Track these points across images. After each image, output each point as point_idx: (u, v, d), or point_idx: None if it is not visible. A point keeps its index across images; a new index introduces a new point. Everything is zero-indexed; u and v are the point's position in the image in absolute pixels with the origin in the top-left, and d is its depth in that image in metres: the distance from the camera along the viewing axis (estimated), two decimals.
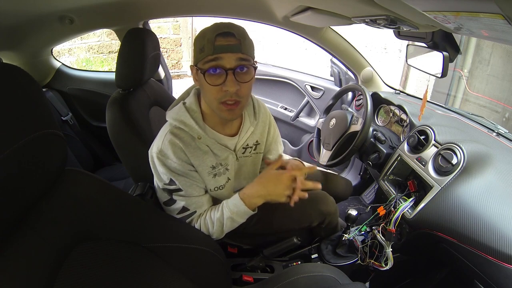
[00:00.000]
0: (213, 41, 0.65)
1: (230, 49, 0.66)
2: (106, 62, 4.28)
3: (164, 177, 0.76)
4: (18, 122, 0.39)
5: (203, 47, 0.66)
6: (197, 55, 0.68)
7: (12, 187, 0.38)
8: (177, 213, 0.79)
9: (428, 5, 0.50)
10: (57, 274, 0.42)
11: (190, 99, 0.79)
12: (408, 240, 0.97)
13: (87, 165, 1.61)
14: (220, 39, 0.65)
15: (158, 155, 0.73)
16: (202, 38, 0.67)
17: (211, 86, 0.67)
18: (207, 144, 0.77)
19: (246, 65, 0.68)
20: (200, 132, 0.75)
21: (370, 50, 3.60)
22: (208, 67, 0.66)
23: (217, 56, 0.65)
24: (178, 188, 0.76)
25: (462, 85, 3.23)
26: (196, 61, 0.70)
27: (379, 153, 1.14)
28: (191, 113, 0.76)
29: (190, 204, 0.78)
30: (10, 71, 0.40)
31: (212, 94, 0.69)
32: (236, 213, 0.77)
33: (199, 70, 0.68)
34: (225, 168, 0.82)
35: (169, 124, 0.77)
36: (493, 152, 0.85)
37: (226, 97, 0.68)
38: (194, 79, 0.74)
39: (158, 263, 0.58)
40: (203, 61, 0.67)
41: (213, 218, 0.79)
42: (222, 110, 0.71)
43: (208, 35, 0.66)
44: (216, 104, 0.70)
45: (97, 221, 0.52)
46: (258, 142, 0.89)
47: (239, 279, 0.92)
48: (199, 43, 0.68)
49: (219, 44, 0.65)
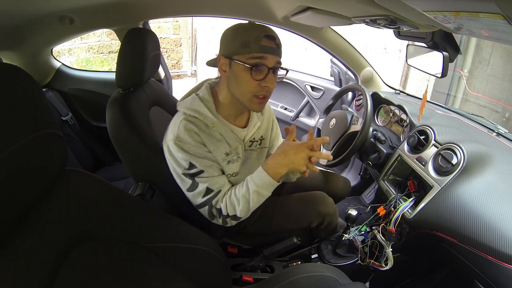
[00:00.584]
0: (260, 40, 0.71)
1: (273, 51, 0.74)
2: (106, 62, 4.28)
3: (183, 163, 0.77)
4: (18, 122, 0.39)
5: (248, 43, 0.71)
6: (239, 48, 0.73)
7: (12, 187, 0.38)
8: (202, 196, 0.79)
9: (428, 5, 0.50)
10: (57, 274, 0.42)
11: (203, 91, 0.82)
12: (408, 240, 0.97)
13: (87, 165, 1.61)
14: (266, 40, 0.72)
15: (176, 141, 0.76)
16: (246, 34, 0.72)
17: (253, 80, 0.73)
18: (220, 132, 0.80)
19: (280, 67, 0.77)
20: (214, 120, 0.79)
21: (370, 50, 3.60)
22: (254, 63, 0.72)
23: (263, 55, 0.72)
24: (199, 171, 0.78)
25: (462, 85, 3.23)
26: (232, 53, 0.74)
27: (379, 153, 1.14)
28: (205, 103, 0.80)
29: (213, 184, 0.79)
30: (10, 71, 0.40)
31: (249, 87, 0.75)
32: (262, 185, 0.77)
33: (238, 62, 0.73)
34: (237, 156, 0.85)
35: (182, 113, 0.79)
36: (493, 152, 0.85)
37: (262, 91, 0.76)
38: (222, 69, 0.78)
39: (158, 263, 0.58)
40: (246, 56, 0.72)
41: (238, 195, 0.79)
42: (254, 102, 0.78)
43: (255, 34, 0.72)
44: (250, 96, 0.76)
45: (97, 221, 0.52)
46: (263, 137, 0.93)
47: (239, 279, 0.92)
48: (242, 38, 0.72)
49: (265, 45, 0.72)
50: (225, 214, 0.80)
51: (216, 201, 0.80)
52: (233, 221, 0.82)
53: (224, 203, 0.80)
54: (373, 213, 1.06)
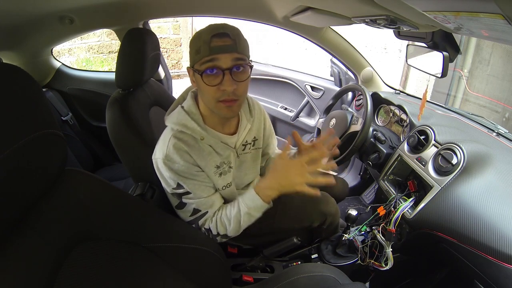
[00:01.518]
0: (209, 42, 0.66)
1: (225, 49, 0.67)
2: (106, 62, 4.28)
3: (171, 182, 0.76)
4: (18, 122, 0.39)
5: (199, 48, 0.67)
6: (194, 56, 0.69)
7: (12, 187, 0.38)
8: (189, 215, 0.80)
9: (428, 5, 0.50)
10: (57, 274, 0.42)
11: (188, 102, 0.79)
12: (408, 240, 0.97)
13: (87, 165, 1.61)
14: (216, 39, 0.66)
15: (164, 160, 0.74)
16: (198, 39, 0.68)
17: (209, 86, 0.69)
18: (210, 144, 0.78)
19: (242, 65, 0.69)
20: (202, 133, 0.76)
21: (370, 50, 3.60)
22: (205, 68, 0.68)
23: (213, 57, 0.67)
24: (187, 191, 0.77)
25: (462, 85, 3.23)
26: (192, 63, 0.71)
27: (379, 153, 1.14)
28: (191, 116, 0.77)
29: (200, 205, 0.79)
30: (10, 71, 0.40)
31: (209, 94, 0.70)
32: (253, 208, 0.77)
33: (196, 71, 0.70)
34: (228, 166, 0.83)
35: (170, 129, 0.77)
36: (493, 152, 0.85)
37: (223, 96, 0.70)
38: (192, 80, 0.75)
39: (158, 263, 0.58)
40: (199, 62, 0.68)
41: (229, 215, 0.79)
42: (221, 108, 0.72)
43: (204, 37, 0.67)
44: (214, 103, 0.71)
45: (97, 221, 0.52)
46: (256, 138, 0.91)
47: (239, 279, 0.92)
48: (195, 45, 0.69)
49: (215, 45, 0.66)
50: (215, 234, 0.80)
51: (204, 220, 0.80)
52: (223, 239, 0.82)
53: (214, 224, 0.80)
54: (373, 213, 1.06)
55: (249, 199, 0.77)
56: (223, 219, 0.79)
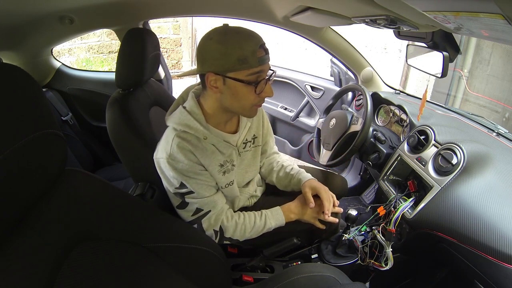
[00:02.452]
0: (256, 52, 0.68)
1: (268, 60, 0.72)
2: (106, 62, 4.28)
3: (174, 181, 0.77)
4: (18, 122, 0.39)
5: (245, 58, 0.67)
6: (235, 65, 0.67)
7: (12, 187, 0.38)
8: (191, 214, 0.81)
9: (428, 5, 0.50)
10: (57, 274, 0.42)
11: (189, 103, 0.79)
12: (408, 240, 0.97)
13: (87, 165, 1.61)
14: (261, 51, 0.69)
15: (168, 160, 0.74)
16: (241, 48, 0.66)
17: (253, 94, 0.72)
18: (213, 143, 0.79)
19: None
20: (205, 132, 0.77)
21: (370, 50, 3.60)
22: (255, 80, 0.70)
23: (262, 68, 0.70)
24: (190, 191, 0.78)
25: (462, 85, 3.23)
26: (227, 70, 0.68)
27: (379, 153, 1.14)
28: (194, 116, 0.77)
29: (203, 205, 0.80)
30: (10, 71, 0.40)
31: (249, 101, 0.74)
32: (275, 224, 0.92)
33: (237, 80, 0.69)
34: (231, 165, 0.85)
35: (172, 129, 0.78)
36: (493, 152, 0.85)
37: (261, 101, 0.77)
38: (212, 86, 0.72)
39: (158, 263, 0.58)
40: (245, 72, 0.69)
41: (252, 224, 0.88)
42: (253, 111, 0.78)
43: (251, 47, 0.67)
44: (250, 107, 0.76)
45: (97, 221, 0.52)
46: (256, 135, 0.93)
47: (239, 279, 0.92)
48: (237, 53, 0.66)
49: (261, 56, 0.69)
50: (228, 236, 0.85)
51: (207, 219, 0.82)
52: (227, 241, 0.87)
53: (233, 228, 0.85)
54: (373, 213, 1.06)
55: (275, 218, 0.92)
56: (247, 226, 0.86)
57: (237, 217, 0.87)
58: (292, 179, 1.02)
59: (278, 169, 1.06)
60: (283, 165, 1.06)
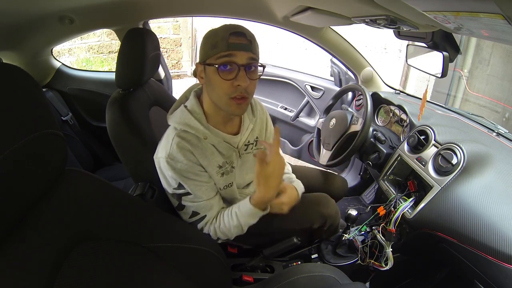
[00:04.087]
0: (227, 38, 0.68)
1: (242, 47, 0.70)
2: (106, 62, 4.28)
3: (172, 182, 0.77)
4: (18, 122, 0.39)
5: (215, 43, 0.69)
6: (208, 51, 0.70)
7: (12, 187, 0.38)
8: (188, 217, 0.81)
9: (428, 5, 0.50)
10: (57, 274, 0.42)
11: (191, 102, 0.80)
12: (408, 240, 0.97)
13: (87, 165, 1.61)
14: (233, 37, 0.69)
15: (167, 159, 0.74)
16: (215, 35, 0.70)
17: (224, 80, 0.70)
18: (213, 144, 0.79)
19: (254, 64, 0.73)
20: (205, 132, 0.77)
21: (370, 50, 3.60)
22: (222, 62, 0.69)
23: (230, 52, 0.69)
24: (187, 192, 0.78)
25: (462, 85, 3.23)
26: (205, 58, 0.72)
27: (379, 153, 1.14)
28: (195, 115, 0.77)
29: (199, 208, 0.80)
30: (10, 71, 0.40)
31: (222, 89, 0.71)
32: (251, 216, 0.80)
33: (209, 65, 0.71)
34: (231, 166, 0.84)
35: (173, 128, 0.78)
36: (493, 152, 0.85)
37: (236, 92, 0.71)
38: (199, 76, 0.76)
39: (158, 263, 0.58)
40: (215, 56, 0.70)
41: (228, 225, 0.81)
42: (231, 105, 0.73)
43: (222, 33, 0.69)
44: (225, 99, 0.72)
45: (97, 221, 0.52)
46: (258, 138, 0.92)
47: (239, 279, 0.92)
48: (211, 40, 0.70)
49: (233, 42, 0.69)
50: (215, 238, 0.84)
51: (204, 224, 0.82)
52: (224, 241, 0.86)
53: (214, 232, 0.82)
54: (373, 213, 1.06)
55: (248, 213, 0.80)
56: (222, 229, 0.82)
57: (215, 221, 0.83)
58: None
59: None
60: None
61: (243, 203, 0.81)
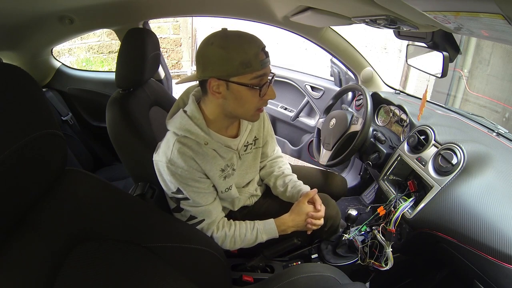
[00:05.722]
0: (259, 56, 0.68)
1: (269, 63, 0.72)
2: (106, 62, 4.28)
3: (171, 186, 0.77)
4: (18, 122, 0.39)
5: (248, 62, 0.66)
6: (239, 69, 0.67)
7: (12, 187, 0.38)
8: (185, 220, 0.81)
9: (428, 5, 0.50)
10: (57, 274, 0.42)
11: (190, 107, 0.78)
12: (408, 240, 0.97)
13: (87, 165, 1.61)
14: (262, 54, 0.69)
15: (168, 165, 0.74)
16: (244, 52, 0.66)
17: (258, 97, 0.72)
18: (214, 149, 0.78)
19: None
20: (206, 138, 0.76)
21: (370, 50, 3.60)
22: (258, 83, 0.70)
23: (265, 71, 0.70)
24: (185, 197, 0.78)
25: (462, 85, 3.23)
26: (230, 75, 0.68)
27: (379, 153, 1.14)
28: (195, 121, 0.76)
29: (197, 213, 0.80)
30: (10, 71, 0.40)
31: (253, 104, 0.73)
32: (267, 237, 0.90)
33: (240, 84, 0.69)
34: (232, 169, 0.84)
35: (173, 134, 0.77)
36: (493, 152, 0.85)
37: (264, 104, 0.76)
38: (215, 91, 0.71)
39: (158, 263, 0.58)
40: (249, 76, 0.68)
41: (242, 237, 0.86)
42: (256, 115, 0.77)
43: (253, 50, 0.67)
44: (253, 111, 0.75)
45: (97, 221, 0.52)
46: (256, 137, 0.93)
47: (239, 279, 0.92)
48: (240, 57, 0.66)
49: (263, 60, 0.69)
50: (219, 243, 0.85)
51: (205, 227, 0.82)
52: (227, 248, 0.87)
53: (223, 239, 0.84)
54: (373, 213, 1.06)
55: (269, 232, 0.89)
56: (236, 238, 0.85)
57: (228, 228, 0.85)
58: (286, 190, 1.01)
59: (278, 175, 1.04)
60: (284, 172, 1.05)
61: (268, 222, 0.90)
